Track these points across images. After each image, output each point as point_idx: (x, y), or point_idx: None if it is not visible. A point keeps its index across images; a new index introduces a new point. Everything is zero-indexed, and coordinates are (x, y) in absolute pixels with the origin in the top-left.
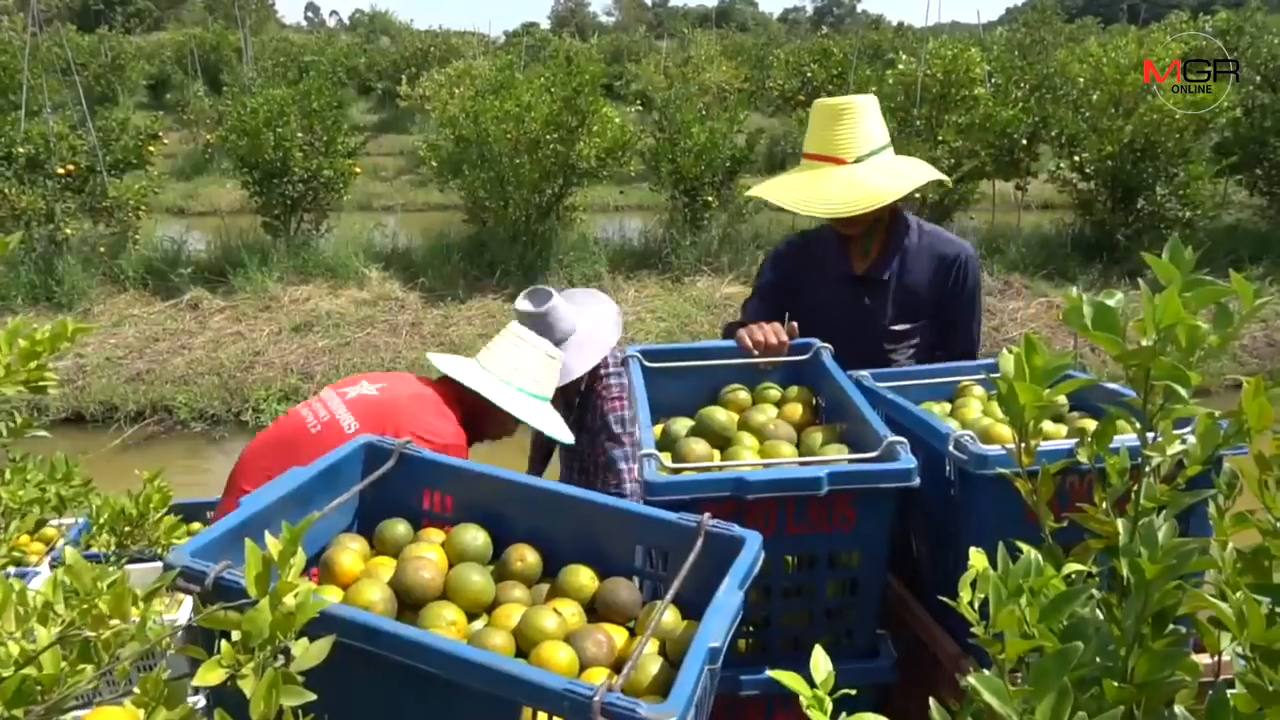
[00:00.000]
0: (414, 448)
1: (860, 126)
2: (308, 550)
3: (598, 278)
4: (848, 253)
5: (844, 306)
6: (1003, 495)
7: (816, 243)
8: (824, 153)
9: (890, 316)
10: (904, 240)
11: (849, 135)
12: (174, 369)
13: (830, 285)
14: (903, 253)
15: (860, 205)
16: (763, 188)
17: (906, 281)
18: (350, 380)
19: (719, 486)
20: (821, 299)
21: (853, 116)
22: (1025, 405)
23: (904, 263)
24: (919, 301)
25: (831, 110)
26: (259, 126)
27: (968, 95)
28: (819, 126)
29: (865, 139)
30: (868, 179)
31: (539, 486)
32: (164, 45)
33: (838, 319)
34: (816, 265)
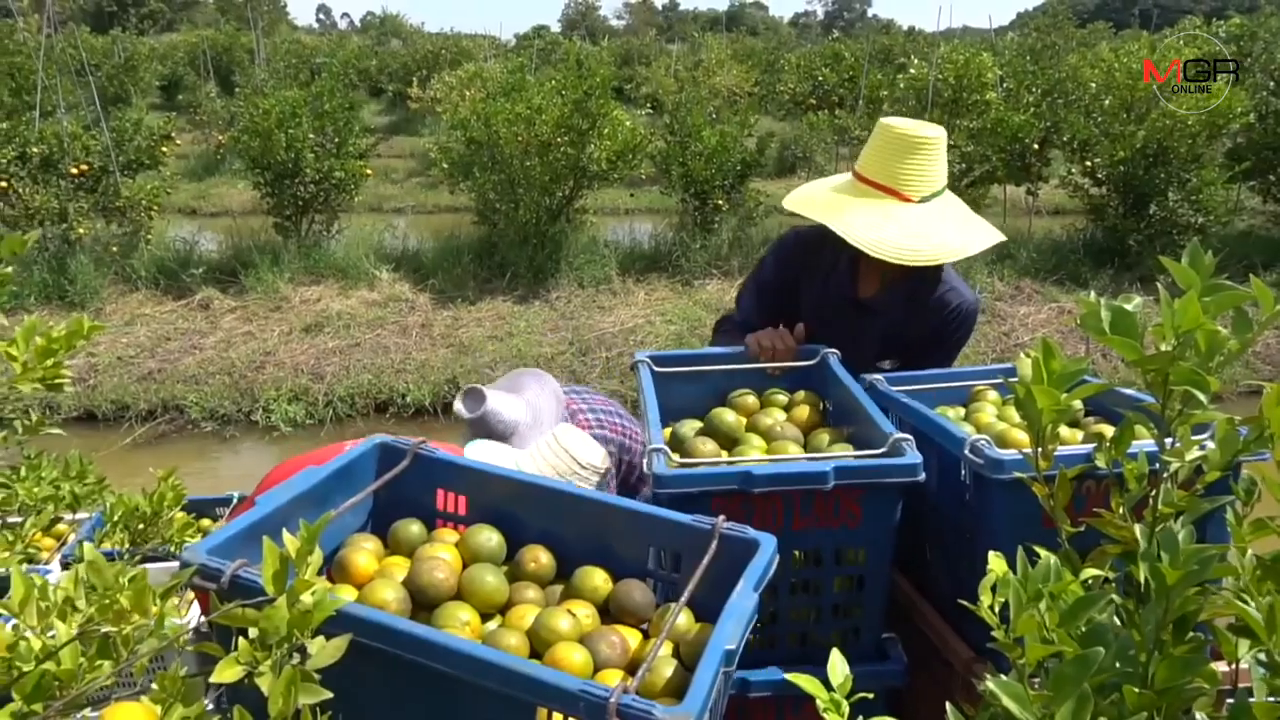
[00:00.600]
0: (428, 448)
1: (932, 164)
2: (323, 550)
3: (607, 280)
4: (856, 272)
5: (835, 325)
6: (1018, 500)
7: (826, 251)
8: (888, 184)
9: (875, 347)
10: (920, 277)
11: (918, 172)
12: (185, 368)
13: (829, 299)
14: (913, 290)
15: (929, 258)
16: (808, 204)
17: (904, 319)
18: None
19: (726, 480)
20: (816, 309)
21: (927, 153)
22: (1043, 409)
23: (910, 300)
24: (908, 337)
25: (905, 140)
26: (271, 127)
27: (979, 100)
28: (887, 154)
29: (933, 178)
30: (936, 229)
31: (552, 487)
32: (176, 47)
33: (829, 334)
34: (821, 274)
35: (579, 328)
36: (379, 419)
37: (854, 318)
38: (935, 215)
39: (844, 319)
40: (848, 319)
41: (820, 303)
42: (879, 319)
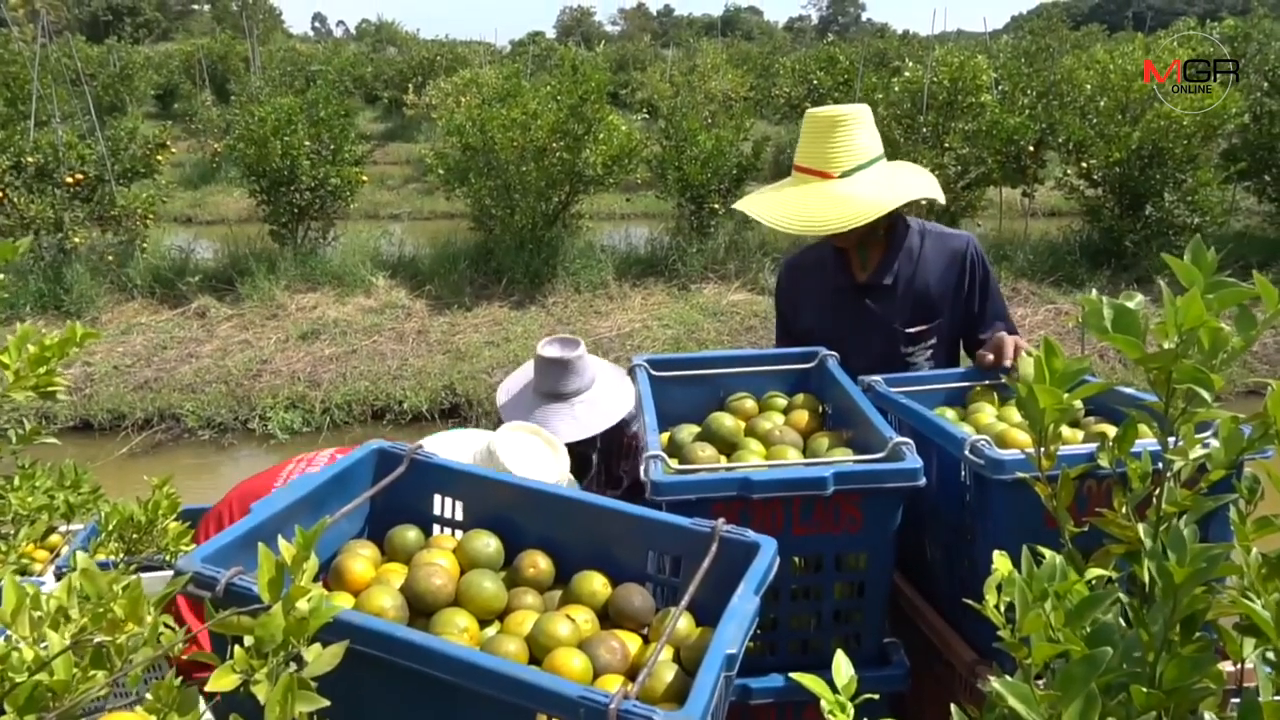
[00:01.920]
0: (425, 453)
1: (851, 139)
2: (319, 557)
3: (604, 285)
4: (847, 262)
5: (850, 314)
6: (1020, 500)
7: (815, 255)
8: (812, 166)
9: (903, 319)
10: (905, 244)
11: (839, 148)
12: (181, 377)
13: (833, 295)
14: (906, 256)
15: (843, 223)
16: (748, 202)
17: (916, 283)
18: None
19: (725, 486)
20: (826, 309)
21: (845, 129)
22: (1045, 409)
23: (909, 265)
24: (932, 301)
25: (822, 122)
26: (266, 135)
27: (974, 102)
28: (810, 139)
29: (856, 152)
30: (855, 194)
31: (550, 492)
32: (172, 55)
33: (845, 327)
34: (817, 277)
35: (575, 333)
36: (376, 425)
37: (866, 301)
38: (860, 184)
39: (859, 306)
40: (862, 305)
41: (829, 300)
42: (893, 293)
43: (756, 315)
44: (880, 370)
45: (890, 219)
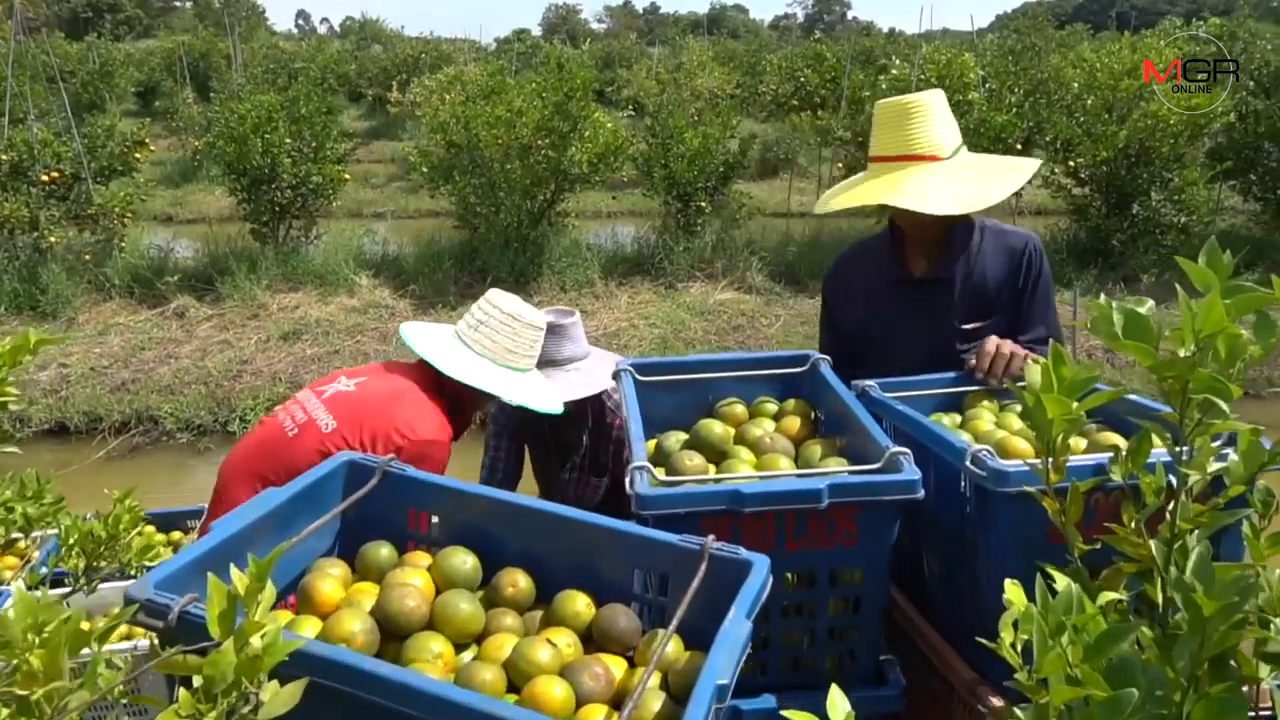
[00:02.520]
0: (398, 465)
1: (949, 122)
2: (286, 576)
3: (590, 284)
4: (903, 256)
5: (906, 310)
6: (1023, 513)
7: (867, 250)
8: (915, 152)
9: (961, 315)
10: (966, 238)
11: (941, 131)
12: (160, 378)
13: (888, 290)
14: (967, 250)
15: (989, 199)
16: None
17: (975, 279)
18: (329, 377)
19: (714, 499)
20: (881, 304)
21: (940, 111)
22: (1054, 419)
23: (969, 260)
24: (989, 298)
25: (903, 109)
26: (246, 133)
27: (962, 100)
28: (898, 125)
29: (954, 133)
30: (981, 173)
31: (529, 506)
32: (153, 53)
33: (900, 323)
34: (871, 270)
35: None
36: None
37: (924, 296)
38: (976, 164)
39: (915, 301)
40: (919, 300)
41: (884, 293)
42: (950, 289)
43: (744, 314)
44: (932, 368)
45: None
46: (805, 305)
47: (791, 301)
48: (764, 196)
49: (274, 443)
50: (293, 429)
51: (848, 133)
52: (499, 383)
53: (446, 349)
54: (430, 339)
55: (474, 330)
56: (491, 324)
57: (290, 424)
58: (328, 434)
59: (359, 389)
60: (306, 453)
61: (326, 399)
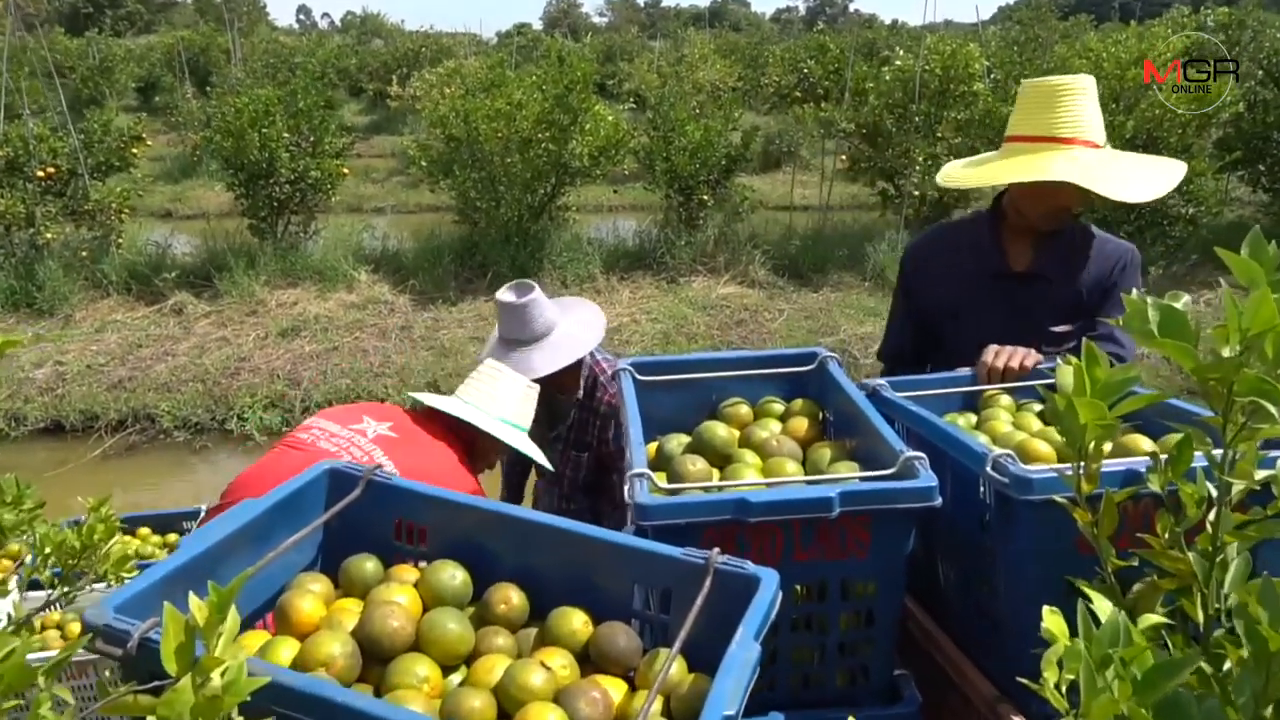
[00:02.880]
0: (383, 474)
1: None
2: (265, 592)
3: (591, 279)
4: (1003, 248)
5: (1001, 304)
6: (1048, 522)
7: (955, 236)
8: (1075, 135)
9: (1053, 317)
10: (1072, 237)
11: (1095, 117)
12: (157, 376)
13: (984, 281)
14: (1069, 251)
15: (1160, 189)
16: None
17: (1071, 282)
18: (349, 414)
19: (719, 509)
20: (973, 295)
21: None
22: (1087, 424)
23: (1070, 260)
24: (1081, 302)
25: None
26: (244, 127)
27: (967, 91)
28: (1056, 106)
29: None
30: (1141, 165)
31: (523, 517)
32: (153, 48)
33: (992, 317)
34: (965, 258)
35: None
36: None
37: (1018, 292)
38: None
39: (1009, 297)
40: (1012, 296)
41: (976, 283)
42: (1046, 288)
43: (747, 309)
44: None
45: None
46: (809, 300)
47: (795, 296)
48: (766, 190)
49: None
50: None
51: (851, 124)
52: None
53: (451, 404)
54: (436, 398)
55: (466, 387)
56: (479, 376)
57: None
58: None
59: (401, 437)
60: None
61: (375, 438)
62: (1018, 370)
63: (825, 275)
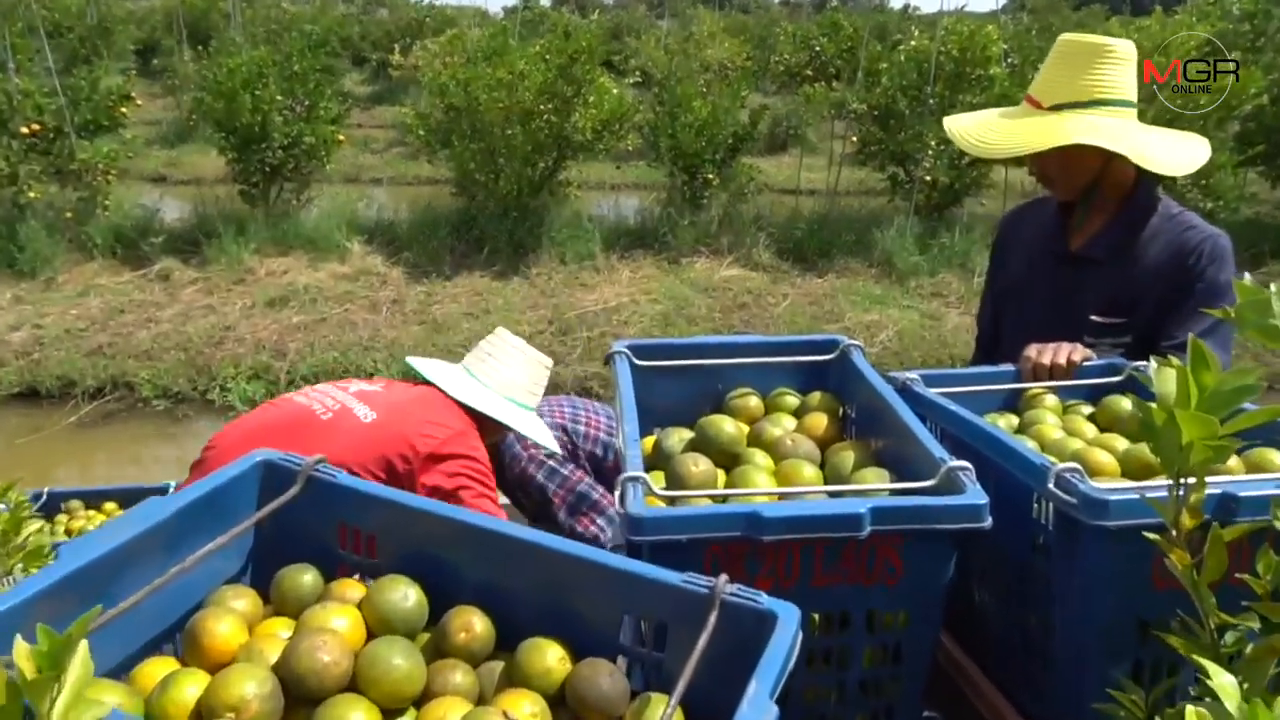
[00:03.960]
0: (328, 468)
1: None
2: (179, 608)
3: (590, 257)
4: (1065, 225)
5: (1045, 287)
6: (1120, 550)
7: (1038, 208)
8: (1029, 92)
9: (1099, 304)
10: (1138, 218)
11: (1059, 77)
12: (138, 343)
13: (1042, 260)
14: (1131, 232)
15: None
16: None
17: (1129, 266)
18: (340, 382)
19: (727, 524)
20: (1030, 275)
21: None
22: (1194, 443)
23: (1132, 244)
24: (1139, 292)
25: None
26: (236, 88)
27: (983, 75)
28: (1050, 66)
29: (1075, 87)
30: (1064, 124)
31: (491, 527)
32: (155, 10)
33: (1035, 301)
34: (1035, 232)
35: (559, 306)
36: None
37: (1068, 274)
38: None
39: (1056, 277)
40: (1062, 278)
41: (1037, 262)
42: (1097, 273)
43: (750, 292)
44: None
45: (1128, 185)
46: (814, 285)
47: (800, 280)
48: (772, 172)
49: (302, 425)
50: (326, 413)
51: (863, 105)
52: (511, 414)
53: (457, 378)
54: (440, 369)
55: (482, 363)
56: (500, 356)
57: (322, 409)
58: (369, 424)
59: (386, 389)
60: (346, 440)
61: (355, 393)
62: (1065, 367)
63: (831, 261)
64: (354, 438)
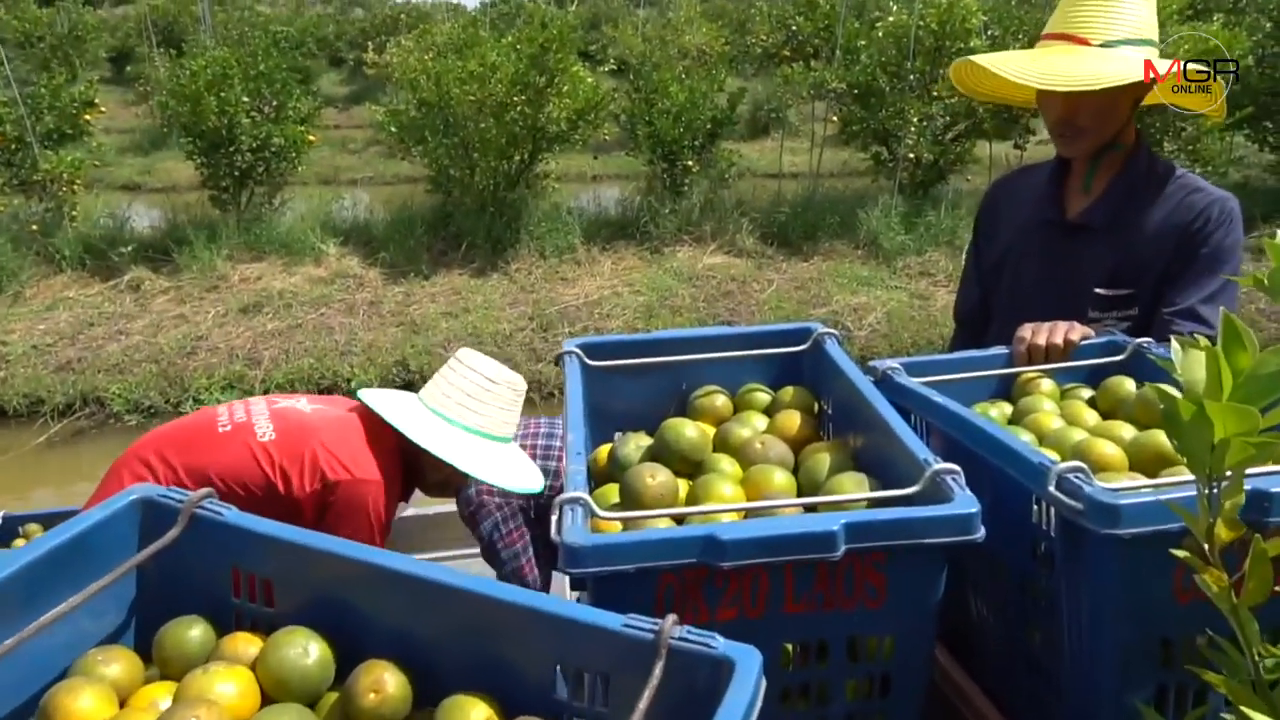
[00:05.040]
0: (214, 504)
1: (1121, 8)
2: (41, 676)
3: (571, 249)
4: (1063, 191)
5: (1046, 258)
6: (1136, 560)
7: (1033, 177)
8: (1066, 31)
9: (1101, 276)
10: (1140, 181)
11: (1103, 13)
12: (108, 356)
13: (1035, 230)
14: (1135, 197)
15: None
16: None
17: (1134, 233)
18: (292, 395)
19: (680, 549)
20: (1022, 247)
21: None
22: (1230, 440)
23: (1133, 209)
24: (1144, 260)
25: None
26: (200, 91)
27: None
28: (1080, 3)
29: (1124, 23)
30: (1137, 59)
31: (408, 570)
32: (127, 18)
33: (1031, 276)
34: (1027, 202)
35: (540, 301)
36: None
37: (1066, 245)
38: (1119, 56)
39: (1056, 249)
40: (1061, 248)
41: (1031, 233)
42: (1098, 241)
43: (734, 280)
44: None
45: (1132, 147)
46: (799, 269)
47: (785, 265)
48: (754, 157)
49: (196, 433)
50: (225, 425)
51: (842, 84)
52: (473, 459)
53: (415, 416)
54: (395, 404)
55: (444, 396)
56: (465, 387)
57: (225, 419)
58: (262, 442)
59: (314, 413)
60: (233, 455)
61: (275, 410)
62: (1062, 348)
63: (816, 244)
64: (240, 454)
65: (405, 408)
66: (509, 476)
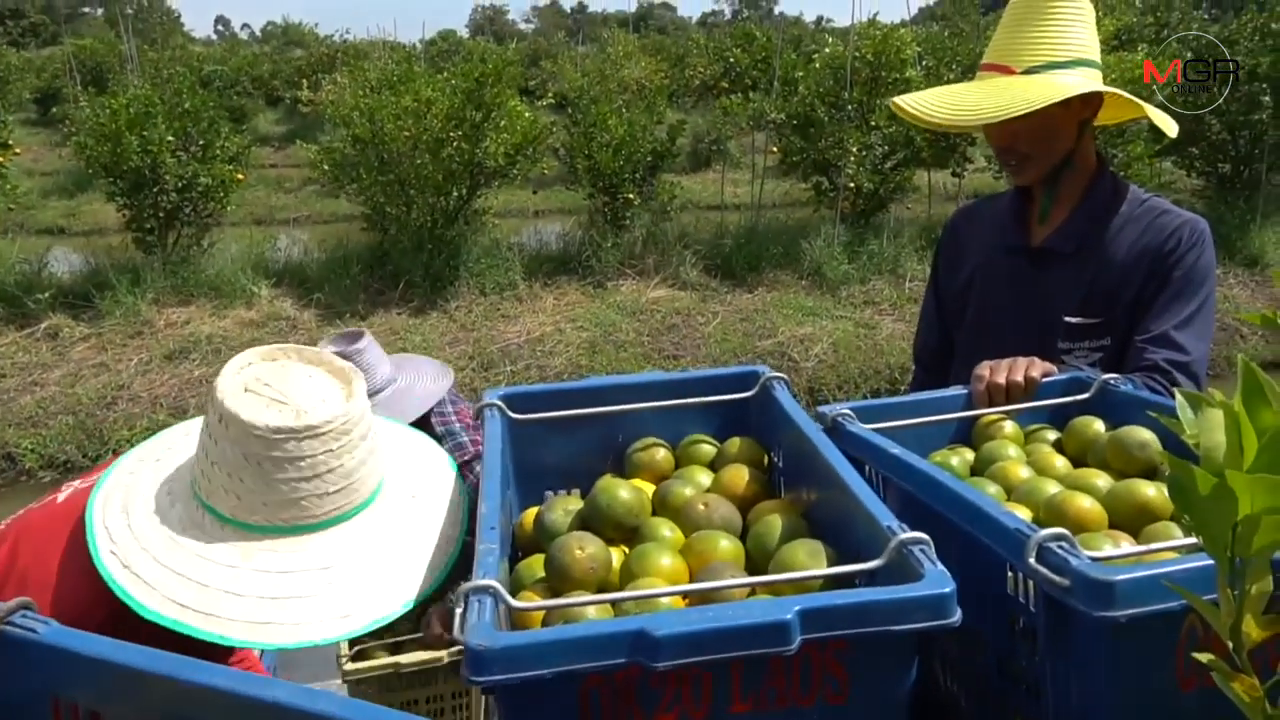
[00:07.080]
0: (28, 621)
1: (1050, 31)
2: None
3: (512, 286)
4: (1027, 218)
5: (1009, 288)
6: (1134, 643)
7: (995, 205)
8: (993, 60)
9: (1071, 304)
10: (1105, 205)
11: (1028, 40)
12: (21, 409)
13: (1000, 255)
14: (1101, 223)
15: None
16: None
17: (1103, 257)
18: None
19: (605, 648)
20: (986, 277)
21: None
22: (1259, 519)
23: (1100, 234)
24: (1114, 287)
25: (1021, 9)
26: (121, 129)
27: (899, 78)
28: (1000, 29)
29: (1048, 48)
30: (1056, 82)
31: (254, 695)
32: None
33: (999, 305)
34: (990, 229)
35: (480, 340)
36: None
37: (1032, 273)
38: (1043, 80)
39: (1019, 278)
40: (1027, 276)
41: (994, 261)
42: (1065, 268)
43: (679, 313)
44: None
45: (1094, 171)
46: (744, 301)
47: (729, 297)
48: (697, 190)
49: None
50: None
51: (781, 114)
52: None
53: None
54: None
55: (208, 480)
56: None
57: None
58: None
59: (66, 501)
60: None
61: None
62: (1023, 386)
63: (760, 274)
64: None
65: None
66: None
